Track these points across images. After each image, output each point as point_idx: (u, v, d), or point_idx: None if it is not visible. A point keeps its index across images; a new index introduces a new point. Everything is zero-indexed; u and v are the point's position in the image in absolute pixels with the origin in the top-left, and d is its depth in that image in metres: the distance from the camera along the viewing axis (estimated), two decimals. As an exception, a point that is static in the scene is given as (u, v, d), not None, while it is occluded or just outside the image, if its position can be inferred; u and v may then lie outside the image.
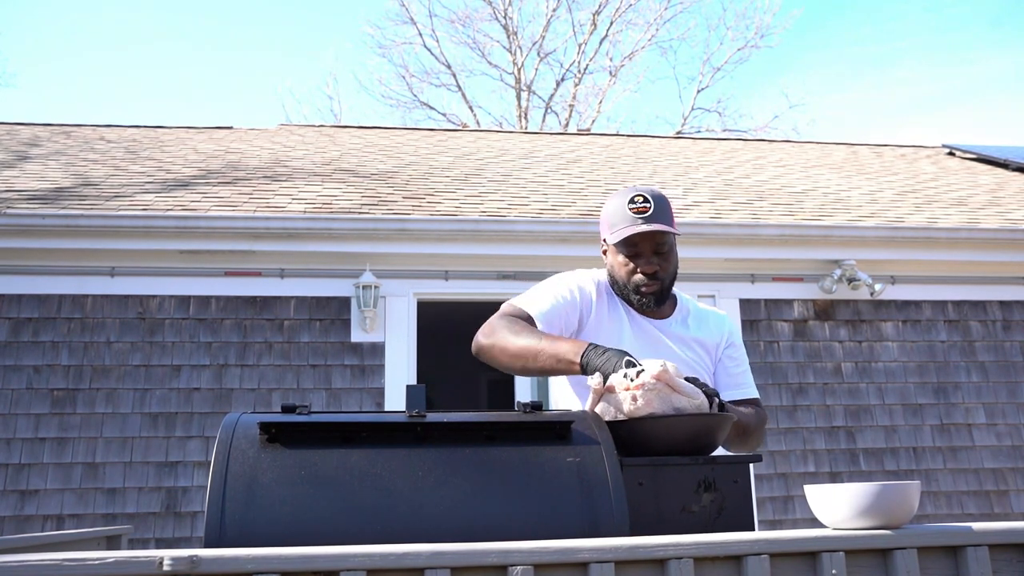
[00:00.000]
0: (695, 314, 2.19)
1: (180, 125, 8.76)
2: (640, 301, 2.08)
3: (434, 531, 1.38)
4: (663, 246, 2.06)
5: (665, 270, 2.08)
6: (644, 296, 2.07)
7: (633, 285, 2.07)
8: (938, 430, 5.65)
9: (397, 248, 5.38)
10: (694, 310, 2.20)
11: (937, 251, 5.83)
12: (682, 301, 2.21)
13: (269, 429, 1.48)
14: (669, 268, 2.09)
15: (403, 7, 20.38)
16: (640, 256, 2.05)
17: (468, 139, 9.14)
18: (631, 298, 2.10)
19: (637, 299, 2.08)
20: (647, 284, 2.06)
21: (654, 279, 2.06)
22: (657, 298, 2.08)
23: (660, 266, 2.06)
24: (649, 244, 2.05)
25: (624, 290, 2.10)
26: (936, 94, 34.66)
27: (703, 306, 2.25)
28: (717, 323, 2.19)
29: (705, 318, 2.20)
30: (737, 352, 2.18)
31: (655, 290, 2.07)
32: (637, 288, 2.07)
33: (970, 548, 1.38)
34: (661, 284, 2.07)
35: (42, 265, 5.19)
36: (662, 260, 2.06)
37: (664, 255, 2.06)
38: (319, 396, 5.17)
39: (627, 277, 2.08)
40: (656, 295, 2.07)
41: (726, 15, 31.61)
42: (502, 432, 1.56)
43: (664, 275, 2.07)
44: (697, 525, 1.61)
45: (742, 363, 2.18)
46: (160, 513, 4.86)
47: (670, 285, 2.12)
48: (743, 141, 10.83)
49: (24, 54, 30.67)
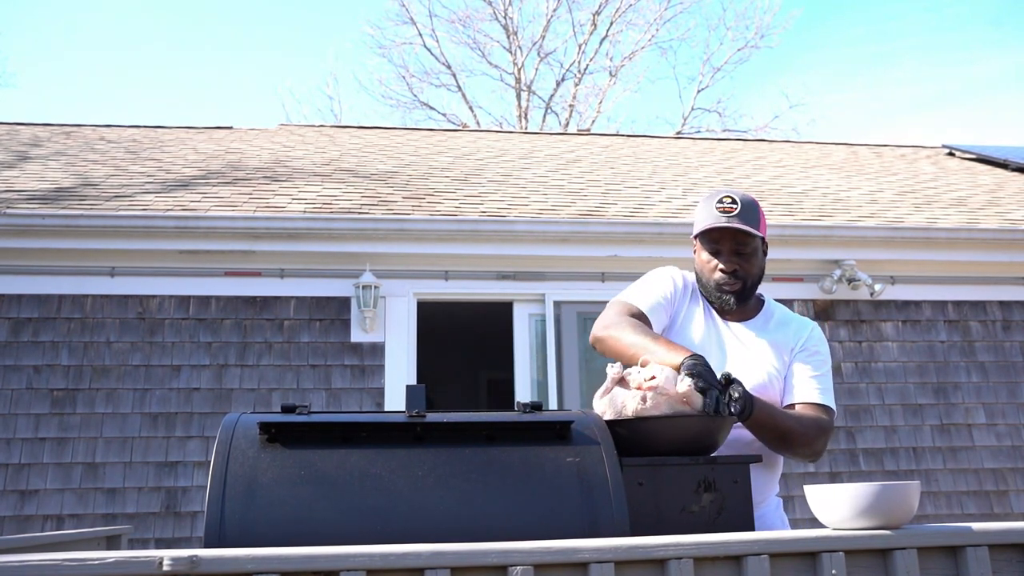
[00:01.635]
0: (779, 319, 2.22)
1: (180, 125, 8.76)
2: (720, 299, 2.14)
3: (434, 531, 1.38)
4: (745, 247, 2.11)
5: (746, 270, 2.12)
6: (724, 294, 2.12)
7: (715, 283, 2.13)
8: (938, 430, 5.65)
9: (397, 248, 5.38)
10: (779, 315, 2.23)
11: (937, 251, 5.83)
12: (769, 306, 2.25)
13: (269, 429, 1.48)
14: (751, 269, 2.13)
15: (403, 7, 20.36)
16: (721, 253, 2.12)
17: (468, 139, 9.14)
18: (712, 296, 2.15)
19: (717, 296, 2.14)
20: (728, 283, 2.12)
21: (734, 278, 2.11)
22: (737, 297, 2.13)
23: (740, 265, 2.11)
24: (730, 243, 2.11)
25: (707, 288, 2.16)
26: (935, 94, 34.67)
27: (792, 313, 2.28)
28: (797, 328, 2.20)
29: (787, 323, 2.21)
30: (811, 358, 2.15)
31: (736, 289, 2.12)
32: (718, 285, 2.13)
33: (970, 548, 1.38)
34: (743, 284, 2.12)
35: (42, 265, 5.18)
36: (743, 260, 2.12)
37: (746, 256, 2.12)
38: (319, 396, 5.17)
39: (709, 274, 2.14)
40: (736, 294, 2.12)
41: (726, 15, 31.59)
42: (502, 432, 1.56)
43: (745, 275, 2.12)
44: (697, 525, 1.61)
45: (816, 370, 2.14)
46: (160, 513, 4.86)
47: (752, 287, 2.16)
48: (743, 141, 10.83)
49: (24, 54, 30.67)
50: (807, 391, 2.12)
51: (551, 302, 5.48)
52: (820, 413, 2.09)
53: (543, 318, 5.52)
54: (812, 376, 2.13)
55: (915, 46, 33.27)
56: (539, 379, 5.46)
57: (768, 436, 1.97)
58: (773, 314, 2.22)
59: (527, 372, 5.49)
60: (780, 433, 1.97)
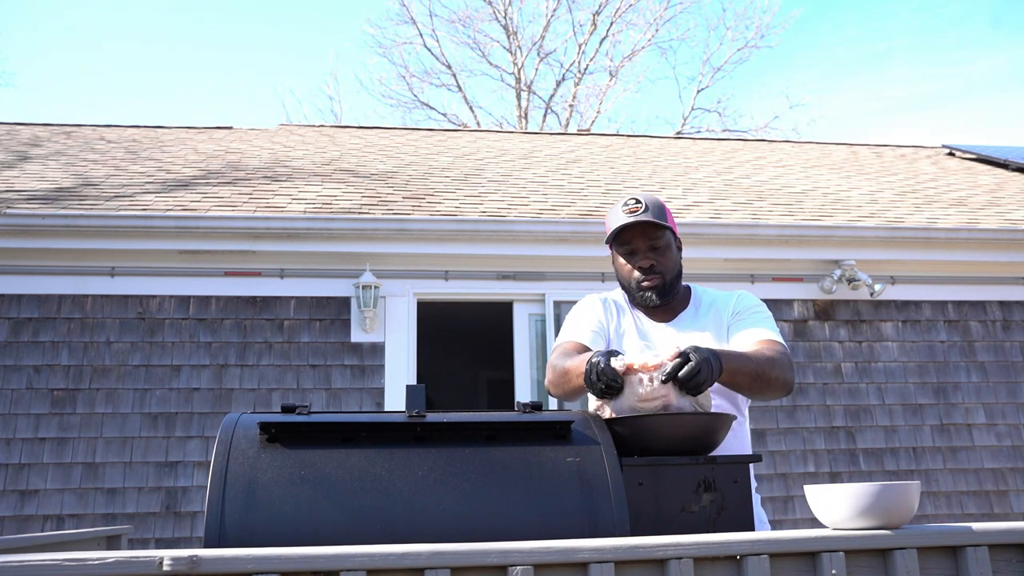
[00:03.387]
0: (707, 303, 2.22)
1: (180, 125, 8.76)
2: (643, 297, 2.14)
3: (434, 531, 1.38)
4: (658, 241, 2.12)
5: (662, 264, 2.13)
6: (645, 291, 2.13)
7: (635, 282, 2.14)
8: (938, 430, 5.65)
9: (397, 248, 5.38)
10: (707, 300, 2.23)
11: (937, 251, 5.83)
12: (696, 295, 2.25)
13: (269, 429, 1.48)
14: (667, 263, 2.14)
15: (403, 7, 20.40)
16: (636, 253, 2.14)
17: (468, 139, 9.14)
18: (635, 296, 2.16)
19: (640, 295, 2.14)
20: (646, 279, 2.12)
21: (652, 273, 2.12)
22: (658, 293, 2.13)
23: (656, 260, 2.12)
24: (642, 241, 2.12)
25: (630, 290, 2.17)
26: (935, 93, 34.67)
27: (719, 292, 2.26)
28: (724, 302, 2.20)
29: (714, 303, 2.21)
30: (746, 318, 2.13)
31: (655, 284, 2.12)
32: (639, 284, 2.14)
33: (970, 548, 1.38)
34: (662, 279, 2.13)
35: (42, 265, 5.19)
36: (658, 255, 2.13)
37: (659, 250, 2.13)
38: (319, 396, 5.17)
39: (628, 276, 2.16)
40: (657, 290, 2.13)
41: (726, 15, 31.62)
42: (502, 432, 1.56)
43: (662, 269, 2.13)
44: (697, 525, 1.61)
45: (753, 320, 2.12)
46: (160, 513, 4.86)
47: (672, 281, 2.15)
48: (743, 141, 10.82)
49: (23, 54, 30.67)
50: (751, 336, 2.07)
51: (551, 302, 5.48)
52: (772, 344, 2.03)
53: (543, 318, 5.52)
54: (751, 325, 2.10)
55: (913, 45, 33.28)
56: (539, 379, 5.46)
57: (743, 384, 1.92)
58: (701, 300, 2.23)
59: (527, 372, 5.49)
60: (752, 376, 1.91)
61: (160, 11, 32.27)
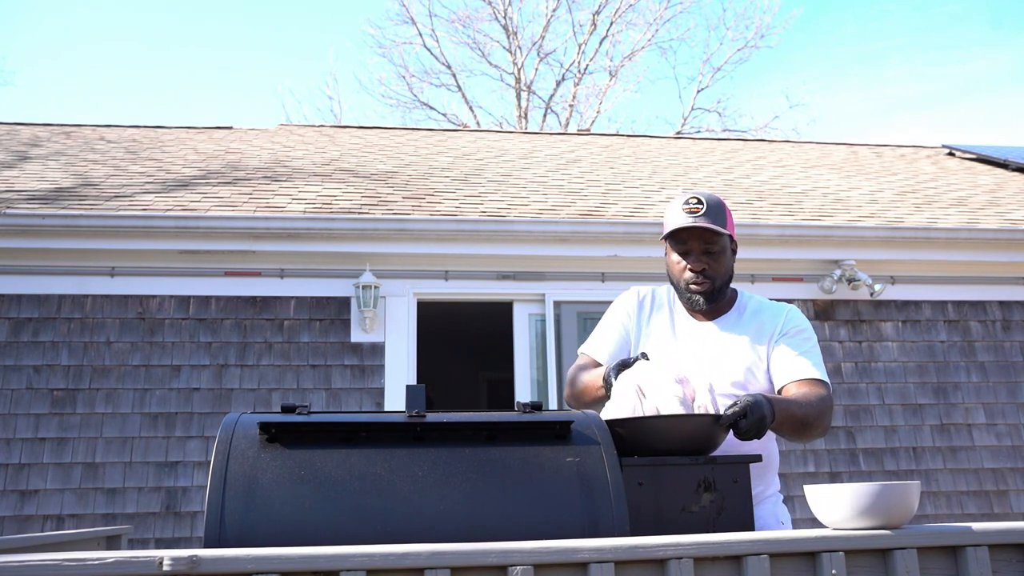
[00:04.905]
0: (753, 310, 2.23)
1: (180, 125, 8.76)
2: (690, 299, 2.17)
3: (434, 531, 1.38)
4: (713, 245, 2.14)
5: (715, 269, 2.15)
6: (693, 294, 2.16)
7: (684, 283, 2.17)
8: (938, 430, 5.65)
9: (397, 248, 5.38)
10: (753, 307, 2.24)
11: (937, 251, 5.83)
12: (742, 299, 2.26)
13: (269, 429, 1.48)
14: (719, 268, 2.16)
15: (403, 7, 20.39)
16: (690, 253, 2.15)
17: (468, 139, 9.14)
18: (683, 296, 2.19)
19: (687, 297, 2.17)
20: (697, 282, 2.15)
21: (703, 277, 2.14)
22: (707, 297, 2.15)
23: (709, 264, 2.14)
24: (698, 242, 2.14)
25: (678, 288, 2.20)
26: (933, 93, 34.67)
27: (767, 301, 2.27)
28: (773, 315, 2.21)
29: (761, 312, 2.22)
30: (793, 339, 2.15)
31: (705, 289, 2.15)
32: (687, 285, 2.16)
33: (970, 548, 1.38)
34: (712, 284, 2.15)
35: (42, 265, 5.18)
36: (711, 259, 2.14)
37: (714, 255, 2.14)
38: (319, 396, 5.17)
39: (679, 274, 2.18)
40: (706, 294, 2.15)
41: (726, 15, 31.66)
42: (502, 432, 1.56)
43: (713, 274, 2.15)
44: (697, 525, 1.61)
45: (800, 347, 2.13)
46: (160, 513, 4.86)
47: (722, 286, 2.18)
48: (743, 141, 10.82)
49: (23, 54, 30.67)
50: (798, 368, 2.10)
51: (551, 302, 5.48)
52: (819, 388, 2.07)
53: (543, 318, 5.52)
54: (799, 354, 2.12)
55: (909, 45, 33.28)
56: (539, 379, 5.46)
57: (786, 430, 1.98)
58: (747, 306, 2.24)
59: (527, 372, 5.49)
60: (798, 424, 1.97)
61: (160, 11, 32.27)
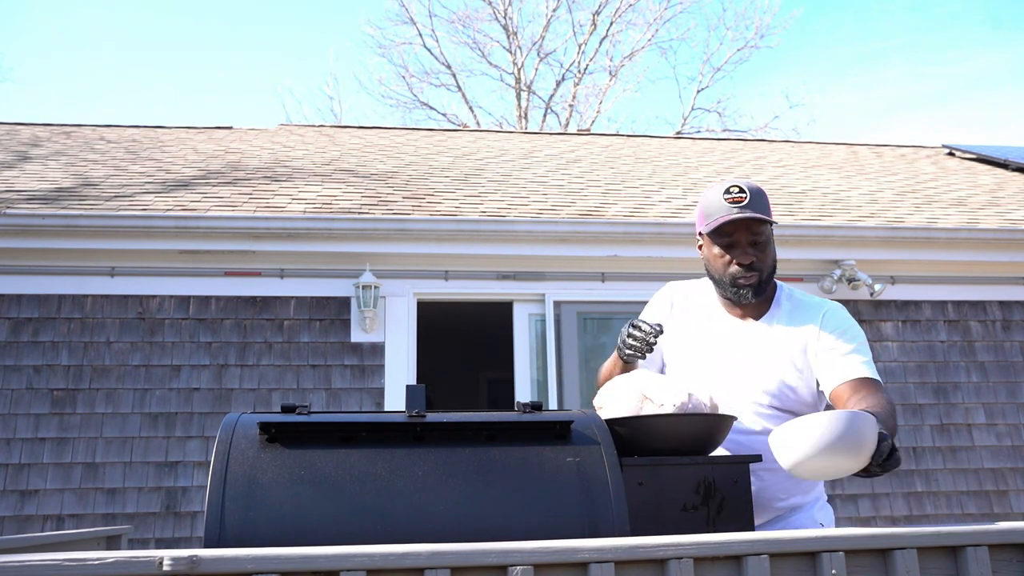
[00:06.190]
0: (793, 307, 2.11)
1: (180, 125, 8.76)
2: (737, 294, 2.05)
3: (434, 531, 1.38)
4: (759, 236, 2.03)
5: (762, 261, 2.04)
6: (741, 288, 2.04)
7: (730, 277, 2.05)
8: (938, 430, 5.65)
9: (397, 248, 5.37)
10: (792, 304, 2.12)
11: (937, 251, 5.83)
12: (781, 294, 2.14)
13: (269, 429, 1.48)
14: (766, 260, 2.06)
15: (403, 7, 20.41)
16: (735, 247, 2.03)
17: (468, 139, 9.14)
18: (727, 292, 2.07)
19: (734, 292, 2.05)
20: (744, 276, 2.03)
21: (751, 270, 2.03)
22: (755, 290, 2.05)
23: (756, 256, 2.03)
24: (744, 234, 2.02)
25: (721, 283, 2.07)
26: (933, 92, 34.66)
27: (807, 297, 2.16)
28: (811, 313, 2.08)
29: (801, 309, 2.10)
30: (840, 338, 2.02)
31: (753, 282, 2.04)
32: (734, 280, 2.04)
33: (970, 548, 1.38)
34: (759, 276, 2.04)
35: (42, 265, 5.18)
36: (758, 251, 2.04)
37: (760, 246, 2.04)
38: (319, 396, 5.17)
39: (723, 269, 2.06)
40: (754, 287, 2.04)
41: (726, 15, 31.68)
42: (502, 432, 1.56)
43: (761, 266, 2.04)
44: (697, 525, 1.61)
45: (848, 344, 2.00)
46: (160, 513, 4.86)
47: (768, 278, 2.07)
48: (743, 141, 10.82)
49: (23, 54, 30.67)
50: (850, 367, 1.97)
51: (551, 302, 5.48)
52: (877, 391, 1.91)
53: (543, 318, 5.52)
54: (848, 352, 1.99)
55: (907, 45, 33.29)
56: (539, 379, 5.46)
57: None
58: (784, 303, 2.12)
59: (527, 372, 5.48)
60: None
61: (160, 11, 32.28)
